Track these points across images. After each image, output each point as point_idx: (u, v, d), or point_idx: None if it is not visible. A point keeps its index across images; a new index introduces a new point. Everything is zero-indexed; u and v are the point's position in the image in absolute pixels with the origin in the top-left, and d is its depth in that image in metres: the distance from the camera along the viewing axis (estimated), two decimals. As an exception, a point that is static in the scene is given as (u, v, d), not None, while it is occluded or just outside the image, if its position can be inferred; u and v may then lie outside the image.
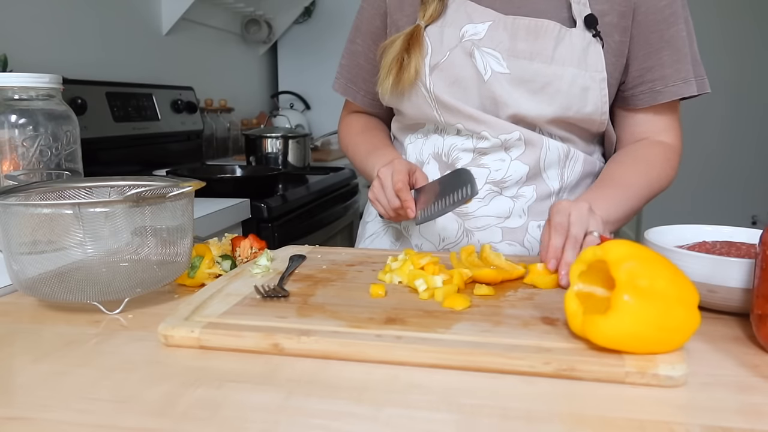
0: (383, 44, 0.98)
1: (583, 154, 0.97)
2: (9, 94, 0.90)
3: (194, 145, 2.29)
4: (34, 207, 0.64)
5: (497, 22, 0.91)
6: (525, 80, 0.90)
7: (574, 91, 0.89)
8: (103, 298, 0.66)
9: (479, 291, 0.69)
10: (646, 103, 0.94)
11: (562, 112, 0.91)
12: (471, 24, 0.92)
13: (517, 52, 0.90)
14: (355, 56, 1.07)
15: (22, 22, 1.65)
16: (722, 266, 0.62)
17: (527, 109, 0.91)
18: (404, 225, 1.04)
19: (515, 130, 0.92)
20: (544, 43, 0.89)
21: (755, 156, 3.63)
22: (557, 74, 0.89)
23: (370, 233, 1.10)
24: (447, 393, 0.49)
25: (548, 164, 0.95)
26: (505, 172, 0.94)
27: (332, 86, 1.11)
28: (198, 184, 0.70)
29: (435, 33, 0.93)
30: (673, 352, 0.52)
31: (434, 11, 0.93)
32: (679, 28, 0.91)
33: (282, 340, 0.56)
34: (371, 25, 1.04)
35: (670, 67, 0.92)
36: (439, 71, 0.93)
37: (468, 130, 0.94)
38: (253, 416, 0.46)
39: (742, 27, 3.49)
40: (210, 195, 1.48)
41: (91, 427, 0.45)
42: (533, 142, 0.93)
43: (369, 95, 1.08)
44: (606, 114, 0.94)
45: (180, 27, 2.34)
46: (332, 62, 3.13)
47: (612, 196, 0.89)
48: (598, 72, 0.90)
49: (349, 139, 1.12)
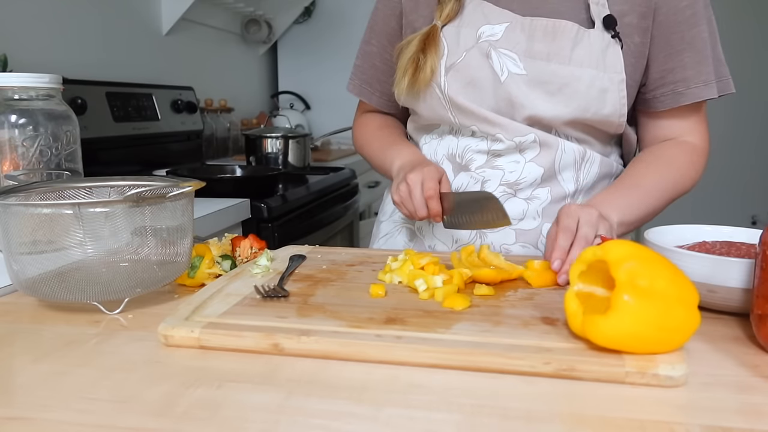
0: (399, 45, 0.97)
1: (600, 155, 0.96)
2: (9, 94, 0.90)
3: (194, 145, 2.29)
4: (34, 207, 0.64)
5: (514, 23, 0.90)
6: (542, 81, 0.89)
7: (592, 93, 0.89)
8: (103, 298, 0.66)
9: (479, 291, 0.69)
10: (668, 105, 0.93)
11: (579, 114, 0.90)
12: (488, 25, 0.91)
13: (534, 53, 0.89)
14: (370, 57, 1.07)
15: (22, 22, 1.65)
16: (722, 266, 0.62)
17: (544, 110, 0.90)
18: (418, 226, 1.04)
19: (530, 132, 0.92)
20: (561, 44, 0.88)
21: (755, 156, 3.63)
22: (575, 75, 0.88)
23: (384, 233, 1.10)
24: (447, 393, 0.49)
25: (563, 166, 0.94)
26: (519, 174, 0.94)
27: (346, 87, 1.10)
28: (198, 184, 0.70)
29: (451, 33, 0.93)
30: (673, 352, 0.52)
31: (451, 11, 0.93)
32: (701, 29, 0.90)
33: (282, 340, 0.56)
34: (386, 26, 1.04)
35: (691, 68, 0.90)
36: (455, 72, 0.92)
37: (482, 131, 0.94)
38: (253, 416, 0.46)
39: (742, 27, 3.49)
40: (210, 195, 1.48)
41: (91, 427, 0.45)
42: (548, 144, 0.92)
43: (384, 96, 1.08)
44: (624, 116, 0.92)
45: (180, 27, 2.34)
46: (332, 62, 3.16)
47: (628, 196, 0.88)
48: (617, 73, 0.89)
49: (365, 137, 1.11)
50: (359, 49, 1.09)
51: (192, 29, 2.47)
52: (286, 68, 3.24)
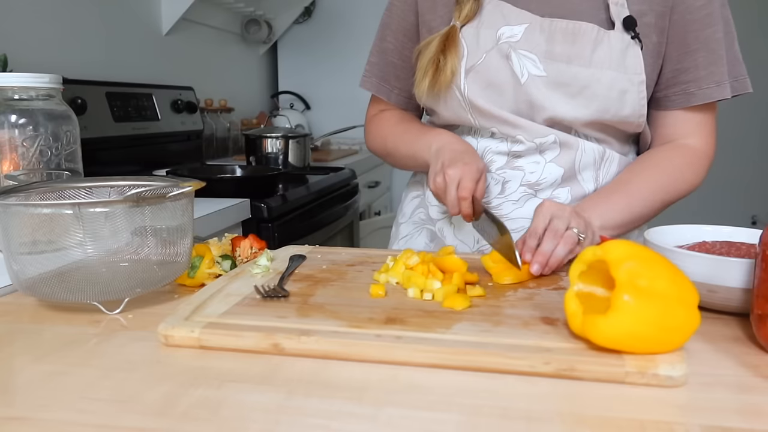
0: (419, 46, 0.96)
1: (618, 155, 0.96)
2: (9, 94, 0.90)
3: (194, 145, 2.29)
4: (34, 207, 0.64)
5: (534, 24, 0.90)
6: (562, 83, 0.89)
7: (612, 95, 0.88)
8: (103, 298, 0.66)
9: (472, 292, 0.69)
10: (678, 105, 0.93)
11: (599, 116, 0.90)
12: (507, 26, 0.91)
13: (554, 55, 0.89)
14: (386, 54, 1.06)
15: (22, 22, 1.65)
16: (722, 266, 0.62)
17: (564, 112, 0.90)
18: (438, 227, 1.03)
19: (550, 134, 0.92)
20: (581, 46, 0.88)
21: (755, 156, 3.63)
22: (595, 77, 0.88)
23: (404, 234, 1.09)
24: (447, 393, 0.49)
25: (583, 166, 0.94)
26: (539, 175, 0.94)
27: (360, 85, 1.08)
28: (198, 184, 0.70)
29: (471, 34, 0.92)
30: (673, 352, 0.52)
31: (470, 11, 0.92)
32: (716, 29, 0.89)
33: (282, 340, 0.56)
34: (404, 21, 1.03)
35: (704, 69, 0.90)
36: (475, 74, 0.92)
37: (502, 133, 0.94)
38: (253, 416, 0.46)
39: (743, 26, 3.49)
40: (210, 195, 1.48)
41: (91, 427, 0.45)
42: (568, 145, 0.92)
43: (403, 93, 1.06)
44: (644, 116, 0.92)
45: (180, 27, 2.34)
46: (332, 62, 3.16)
47: (614, 201, 0.89)
48: (637, 74, 0.88)
49: (386, 131, 1.07)
50: (373, 46, 1.08)
51: (192, 29, 2.47)
52: (286, 68, 3.24)
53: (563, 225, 0.78)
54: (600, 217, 0.86)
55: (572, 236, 0.77)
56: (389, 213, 2.92)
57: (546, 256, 0.75)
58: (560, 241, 0.76)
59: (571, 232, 0.77)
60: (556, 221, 0.78)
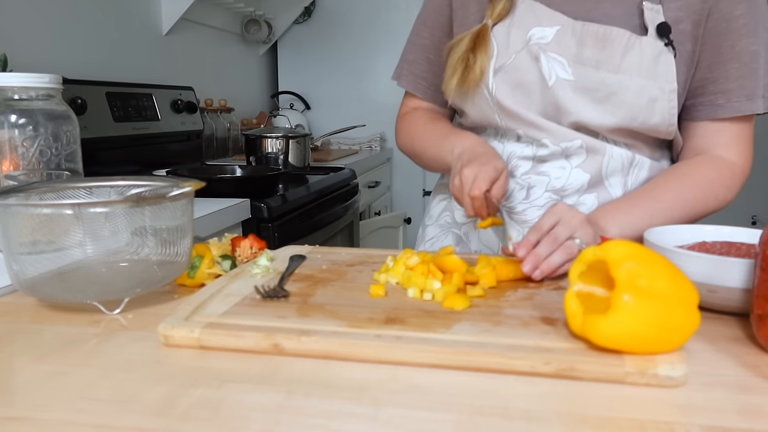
0: (449, 43, 0.95)
1: (649, 160, 0.94)
2: (9, 94, 0.90)
3: (194, 145, 2.29)
4: (34, 207, 0.64)
5: (565, 27, 0.88)
6: (589, 88, 0.87)
7: (640, 102, 0.86)
8: (103, 298, 0.66)
9: (472, 292, 0.69)
10: (704, 116, 0.90)
11: (626, 123, 0.88)
12: (539, 27, 0.89)
13: (584, 60, 0.87)
14: (423, 50, 1.04)
15: (22, 22, 1.65)
16: (722, 266, 0.62)
17: (590, 117, 0.88)
18: (464, 231, 1.03)
19: (577, 138, 0.90)
20: (611, 51, 0.86)
21: (756, 156, 3.63)
22: (623, 84, 0.86)
23: (430, 237, 1.09)
24: (447, 393, 0.49)
25: (611, 172, 0.92)
26: (565, 180, 0.92)
27: (396, 81, 1.07)
28: (198, 184, 0.70)
29: (501, 34, 0.91)
30: (673, 352, 0.52)
31: (503, 9, 0.91)
32: (752, 41, 0.85)
33: (282, 340, 0.56)
34: (440, 16, 1.02)
35: (735, 81, 0.87)
36: (503, 74, 0.91)
37: (528, 136, 0.93)
38: (253, 416, 0.46)
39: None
40: (210, 195, 1.48)
41: (91, 427, 0.45)
42: (595, 150, 0.91)
43: (440, 90, 1.02)
44: (674, 125, 0.90)
45: (180, 27, 2.34)
46: (332, 62, 3.16)
47: (634, 211, 0.85)
48: (668, 83, 0.86)
49: (414, 131, 1.06)
50: (408, 43, 1.07)
51: (192, 29, 2.47)
52: (286, 68, 3.24)
53: (566, 233, 0.74)
54: (617, 225, 0.83)
55: (572, 246, 0.74)
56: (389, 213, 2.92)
57: (540, 258, 0.73)
58: (558, 249, 0.73)
59: (571, 242, 0.74)
60: (561, 227, 0.75)
